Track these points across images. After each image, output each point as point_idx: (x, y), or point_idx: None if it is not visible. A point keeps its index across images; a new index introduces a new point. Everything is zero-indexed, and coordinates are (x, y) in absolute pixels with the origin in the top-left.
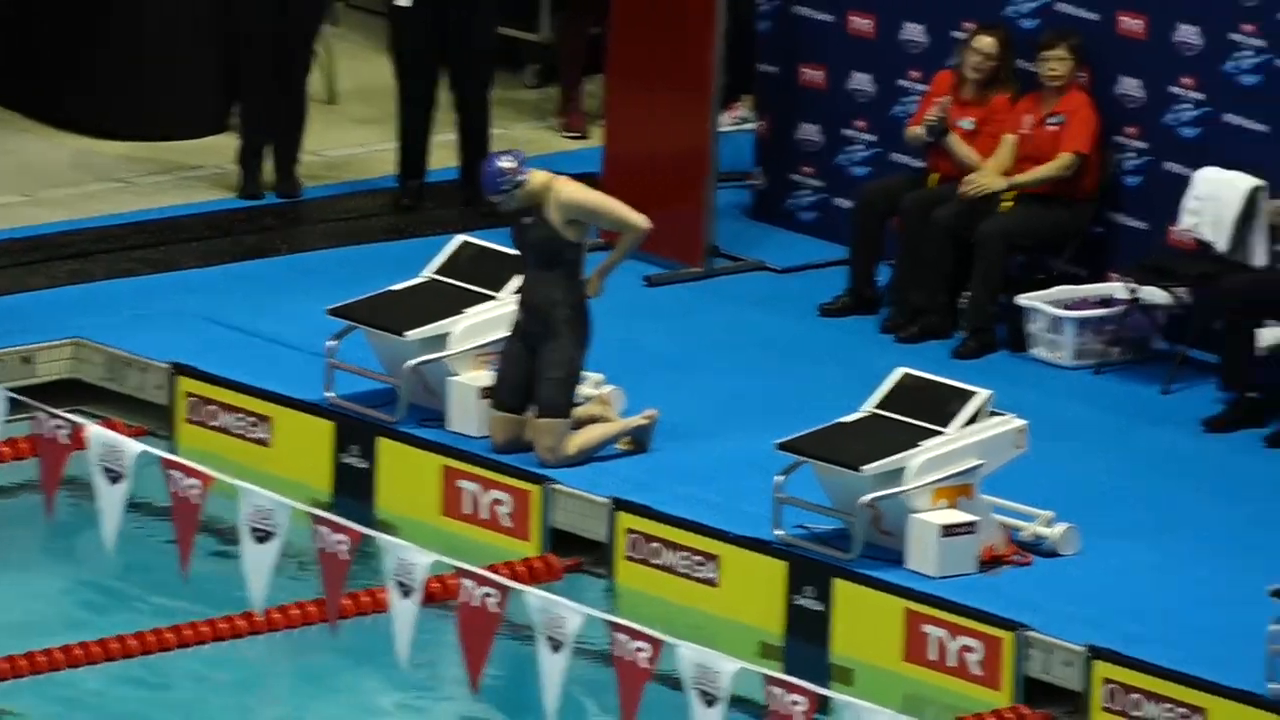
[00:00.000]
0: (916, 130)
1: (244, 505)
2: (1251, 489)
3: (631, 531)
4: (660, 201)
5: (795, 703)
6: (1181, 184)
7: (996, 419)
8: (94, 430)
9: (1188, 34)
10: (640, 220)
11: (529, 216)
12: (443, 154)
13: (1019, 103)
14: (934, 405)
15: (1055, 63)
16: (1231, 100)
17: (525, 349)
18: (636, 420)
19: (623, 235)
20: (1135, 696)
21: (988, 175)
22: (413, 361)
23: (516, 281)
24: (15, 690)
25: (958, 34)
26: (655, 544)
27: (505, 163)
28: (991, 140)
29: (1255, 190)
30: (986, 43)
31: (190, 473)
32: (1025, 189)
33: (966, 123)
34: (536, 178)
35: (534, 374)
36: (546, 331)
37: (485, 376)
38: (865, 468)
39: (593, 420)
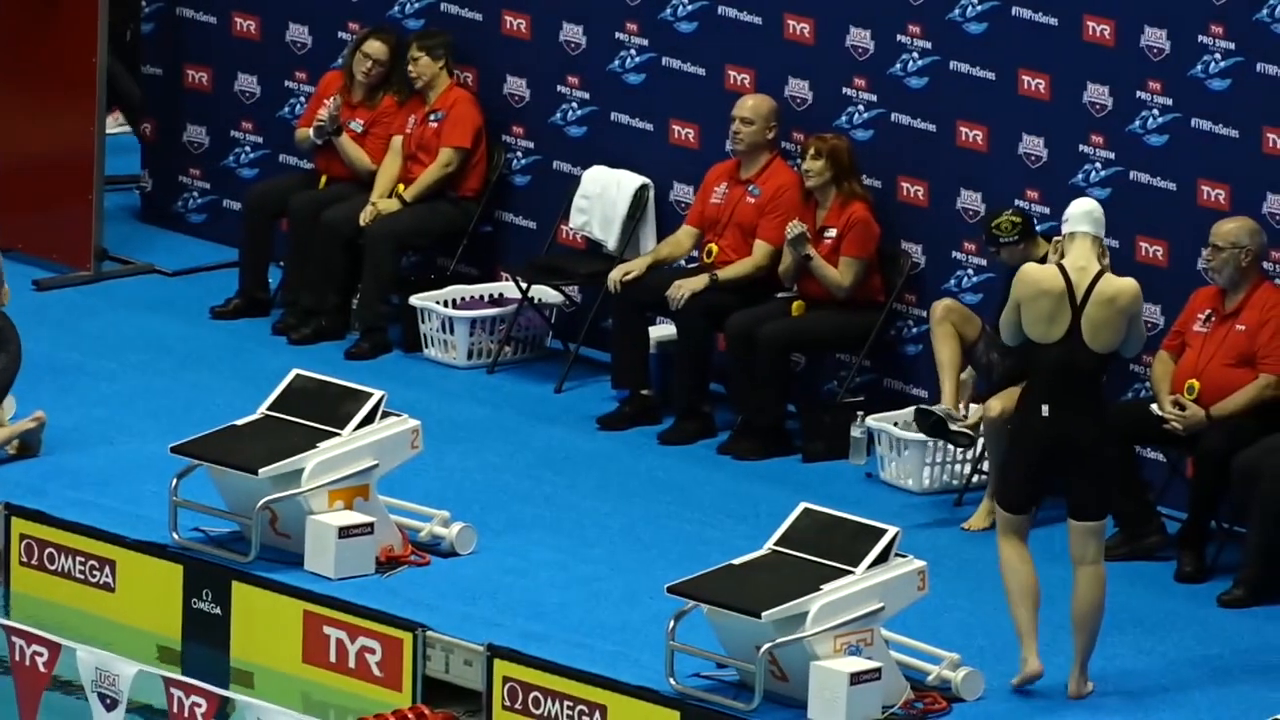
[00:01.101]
0: (306, 132)
1: None
2: (646, 486)
3: (25, 537)
4: (48, 205)
5: (196, 704)
6: (570, 182)
7: (391, 419)
8: None
9: (572, 33)
10: None
11: None
12: None
13: (407, 103)
14: (328, 406)
15: (411, 64)
16: (617, 99)
17: None
18: (25, 424)
19: None
20: (535, 695)
21: (382, 203)
22: None
23: None
24: None
25: (344, 35)
26: (50, 549)
27: None
28: (380, 142)
29: (641, 188)
30: (376, 48)
31: None
32: (419, 197)
33: (356, 124)
34: None
35: None
36: None
37: None
38: (262, 470)
39: None
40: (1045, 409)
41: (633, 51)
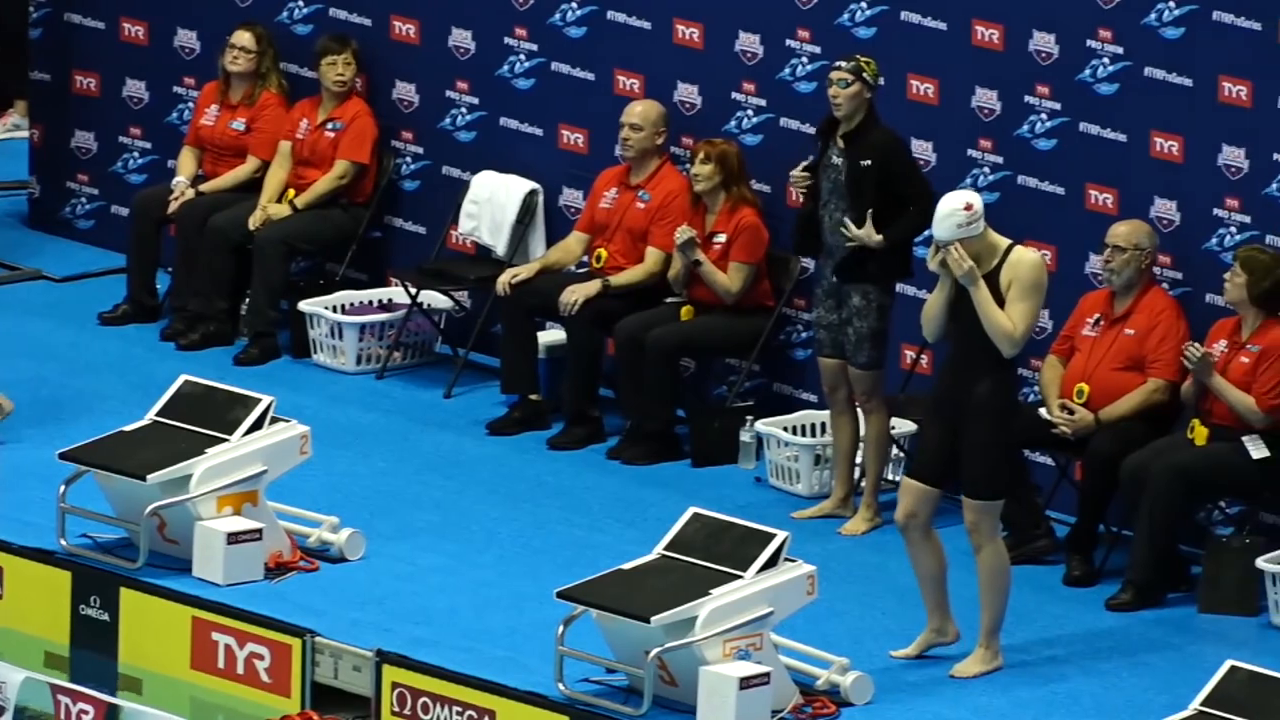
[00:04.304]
0: (190, 160)
1: None
2: (536, 491)
3: None
4: None
5: (83, 711)
6: (459, 188)
7: (280, 425)
8: None
9: (461, 38)
10: None
11: None
12: None
13: (295, 108)
14: (217, 412)
15: (343, 67)
16: (507, 104)
17: None
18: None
19: None
20: (424, 700)
21: (272, 207)
22: None
23: None
24: None
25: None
26: None
27: None
28: (265, 137)
29: (530, 193)
30: (243, 38)
31: None
32: (310, 205)
33: (238, 124)
34: None
35: None
36: None
37: None
38: (150, 477)
39: None
40: None
41: (522, 56)
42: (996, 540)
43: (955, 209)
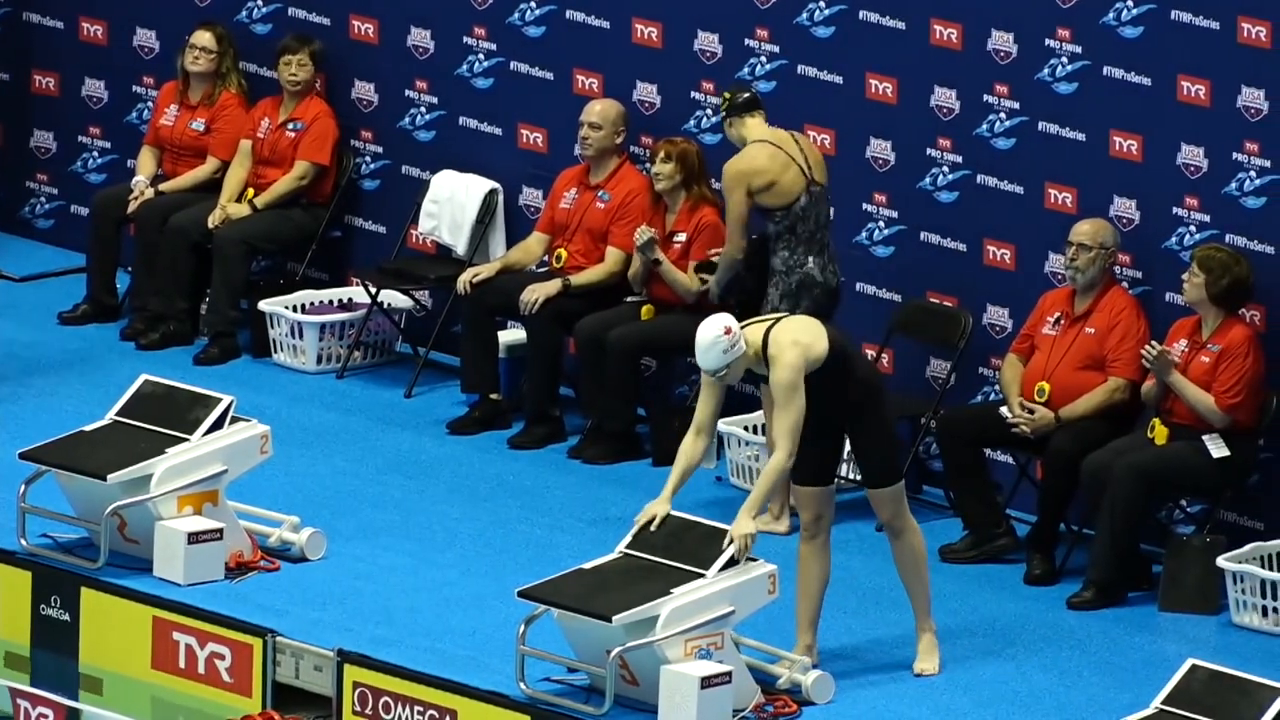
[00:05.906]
0: (149, 161)
1: None
2: (496, 490)
3: None
4: None
5: (43, 715)
6: (419, 187)
7: (240, 425)
8: None
9: (420, 37)
10: None
11: None
12: None
13: (256, 107)
14: (177, 412)
15: (297, 68)
16: (466, 104)
17: None
18: None
19: None
20: (386, 700)
21: (231, 207)
22: None
23: None
24: None
25: None
26: None
27: None
28: (225, 138)
29: (490, 193)
30: (203, 38)
31: None
32: (270, 205)
33: (198, 124)
34: None
35: None
36: None
37: None
38: (111, 476)
39: None
40: None
41: (481, 56)
42: (911, 519)
43: (716, 337)
